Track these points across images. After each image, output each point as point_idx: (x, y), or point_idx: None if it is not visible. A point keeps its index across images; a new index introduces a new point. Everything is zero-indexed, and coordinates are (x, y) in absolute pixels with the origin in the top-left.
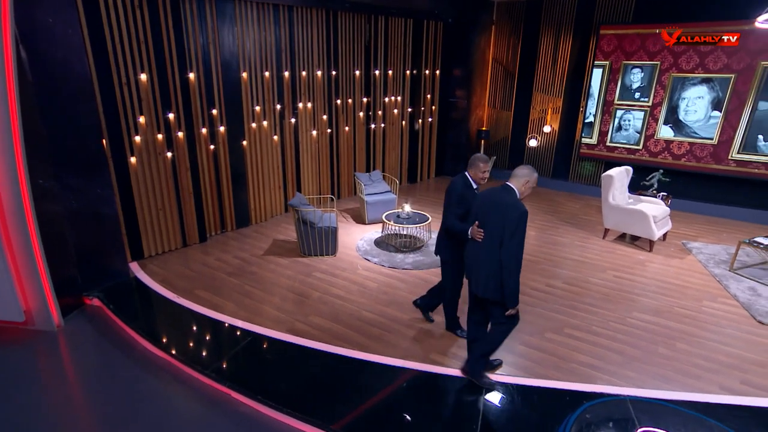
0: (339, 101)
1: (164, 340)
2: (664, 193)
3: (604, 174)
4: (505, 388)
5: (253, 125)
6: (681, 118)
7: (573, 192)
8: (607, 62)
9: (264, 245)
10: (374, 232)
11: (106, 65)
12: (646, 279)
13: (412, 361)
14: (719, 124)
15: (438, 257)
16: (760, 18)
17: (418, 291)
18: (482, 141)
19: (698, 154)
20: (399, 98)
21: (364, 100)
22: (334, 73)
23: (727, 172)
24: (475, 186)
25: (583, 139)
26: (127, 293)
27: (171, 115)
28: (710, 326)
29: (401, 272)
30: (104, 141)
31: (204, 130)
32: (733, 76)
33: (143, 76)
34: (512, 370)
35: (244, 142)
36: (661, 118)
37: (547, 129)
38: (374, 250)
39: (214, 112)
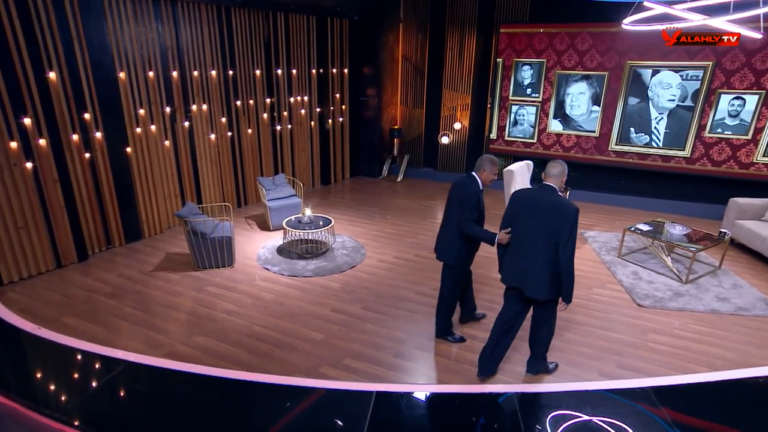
0: (239, 102)
1: (8, 383)
2: (563, 186)
3: (505, 169)
4: (394, 397)
5: (138, 130)
6: (567, 112)
7: (486, 187)
8: (500, 60)
9: (155, 260)
10: (278, 239)
11: None
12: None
13: (299, 377)
14: (599, 118)
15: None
16: (626, 20)
17: (316, 300)
18: (396, 140)
19: (584, 146)
20: (306, 98)
21: (268, 100)
22: (231, 72)
23: (610, 163)
24: (481, 188)
25: (491, 135)
26: None
27: (27, 120)
28: (597, 313)
29: (301, 280)
30: None
31: (75, 137)
32: (606, 73)
33: None
34: (400, 376)
35: (128, 149)
36: (551, 112)
37: (457, 126)
38: (275, 259)
39: (87, 116)
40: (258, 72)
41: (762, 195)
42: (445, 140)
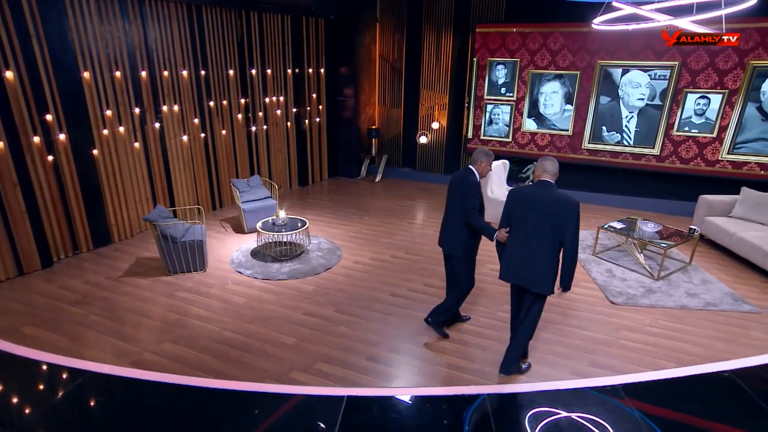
0: (212, 103)
1: None
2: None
3: None
4: (366, 401)
5: (105, 132)
6: (541, 111)
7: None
8: (475, 59)
9: (124, 265)
10: (253, 241)
11: None
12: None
13: (269, 383)
14: (572, 117)
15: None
16: (596, 20)
17: (289, 303)
18: (374, 140)
19: (558, 145)
20: (281, 98)
21: (242, 101)
22: (203, 72)
23: (583, 161)
24: (479, 179)
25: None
26: None
27: None
28: (571, 311)
29: (274, 284)
30: None
31: (36, 139)
32: (578, 73)
33: None
34: (373, 379)
35: (95, 151)
36: (525, 111)
37: (435, 125)
38: (249, 262)
39: (49, 117)
40: (231, 72)
41: (731, 192)
42: (423, 140)
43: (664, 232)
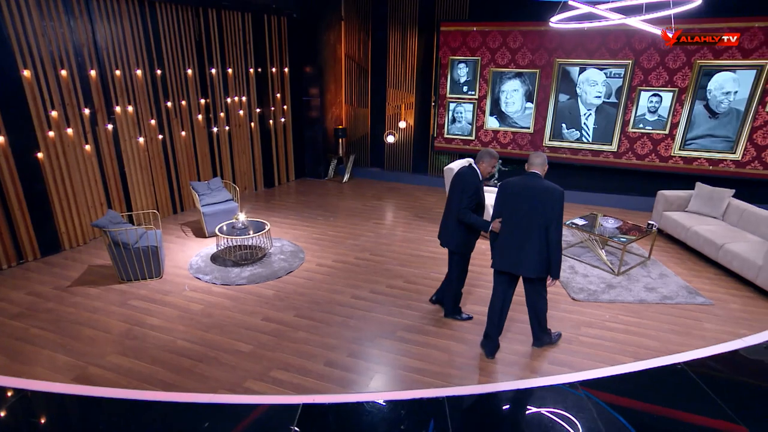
0: (170, 103)
1: None
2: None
3: (445, 167)
4: (322, 408)
5: (51, 134)
6: (503, 109)
7: (432, 186)
8: (437, 57)
9: (74, 274)
10: (213, 246)
11: None
12: (485, 268)
13: (222, 393)
14: (533, 115)
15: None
16: (553, 19)
17: (248, 309)
18: (341, 139)
19: (520, 143)
20: (244, 98)
21: (202, 101)
22: (159, 72)
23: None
24: (481, 179)
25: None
26: None
27: None
28: None
29: (234, 289)
30: None
31: None
32: (537, 71)
33: None
34: (330, 386)
35: (40, 154)
36: (488, 109)
37: (402, 124)
38: (208, 267)
39: None
40: (190, 71)
41: (687, 186)
42: (390, 139)
43: (623, 227)
